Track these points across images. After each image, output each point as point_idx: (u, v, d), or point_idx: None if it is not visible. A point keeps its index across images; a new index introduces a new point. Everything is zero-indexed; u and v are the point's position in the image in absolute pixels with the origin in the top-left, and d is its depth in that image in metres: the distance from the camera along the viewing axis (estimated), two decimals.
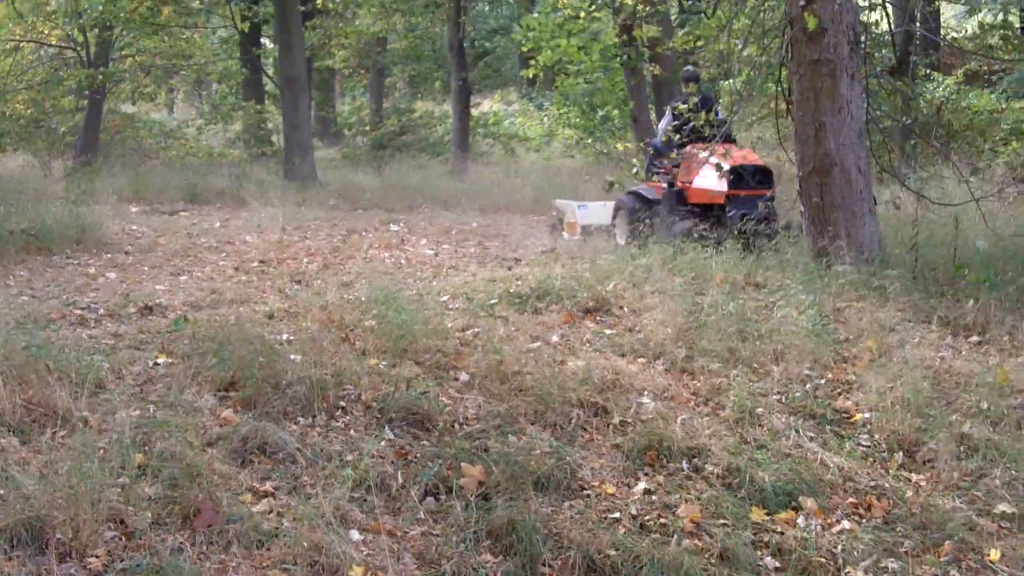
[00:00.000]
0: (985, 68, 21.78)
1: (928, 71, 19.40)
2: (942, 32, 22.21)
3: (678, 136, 12.84)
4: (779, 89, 10.60)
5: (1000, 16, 19.09)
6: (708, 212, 12.43)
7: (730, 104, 11.38)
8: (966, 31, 23.17)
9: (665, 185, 13.11)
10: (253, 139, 23.02)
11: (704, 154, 12.11)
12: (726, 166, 11.81)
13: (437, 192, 18.35)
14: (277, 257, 11.92)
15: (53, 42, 23.01)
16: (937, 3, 16.76)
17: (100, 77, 19.89)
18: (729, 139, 12.42)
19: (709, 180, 12.35)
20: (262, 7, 23.87)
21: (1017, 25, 23.54)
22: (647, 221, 12.57)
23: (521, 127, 30.76)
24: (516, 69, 39.77)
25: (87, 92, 21.19)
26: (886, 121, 12.06)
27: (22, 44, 23.18)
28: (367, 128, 29.50)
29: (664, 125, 13.69)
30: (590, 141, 25.35)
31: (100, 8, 19.84)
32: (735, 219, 11.60)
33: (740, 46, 10.78)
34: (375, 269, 11.10)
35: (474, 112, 26.93)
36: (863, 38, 9.98)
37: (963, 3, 21.72)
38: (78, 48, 21.80)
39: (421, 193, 18.60)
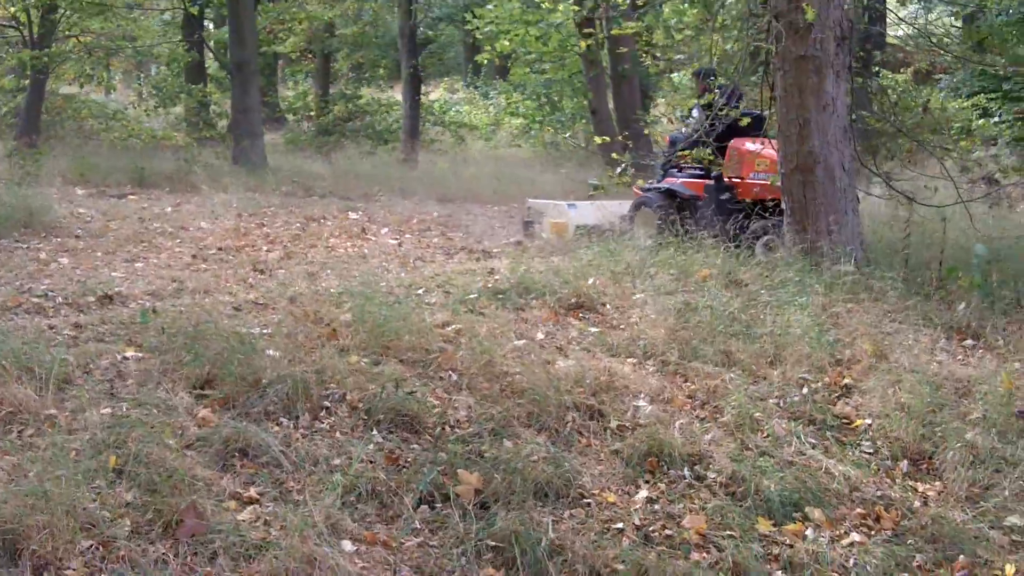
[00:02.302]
0: (930, 67, 21.86)
1: (877, 68, 19.31)
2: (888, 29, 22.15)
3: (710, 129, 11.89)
4: (763, 84, 10.35)
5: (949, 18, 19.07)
6: (764, 209, 11.59)
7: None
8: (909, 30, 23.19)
9: (710, 181, 12.44)
10: (202, 123, 22.52)
11: (753, 147, 11.76)
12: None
13: (391, 180, 17.99)
14: (235, 245, 11.55)
15: None
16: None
17: (45, 58, 19.32)
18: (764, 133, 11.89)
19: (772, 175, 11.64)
20: None
21: (958, 26, 23.72)
22: (682, 220, 11.61)
23: (467, 115, 30.49)
24: (461, 57, 39.51)
25: (29, 72, 20.62)
26: (873, 121, 11.85)
27: None
28: (312, 114, 29.10)
29: (694, 121, 12.85)
30: (539, 130, 25.11)
31: None
32: None
33: (721, 41, 10.50)
34: (339, 259, 10.77)
35: (423, 100, 26.56)
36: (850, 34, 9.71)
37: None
38: (21, 27, 21.21)
39: (375, 180, 18.23)
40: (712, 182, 12.36)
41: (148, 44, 24.12)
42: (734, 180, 12.24)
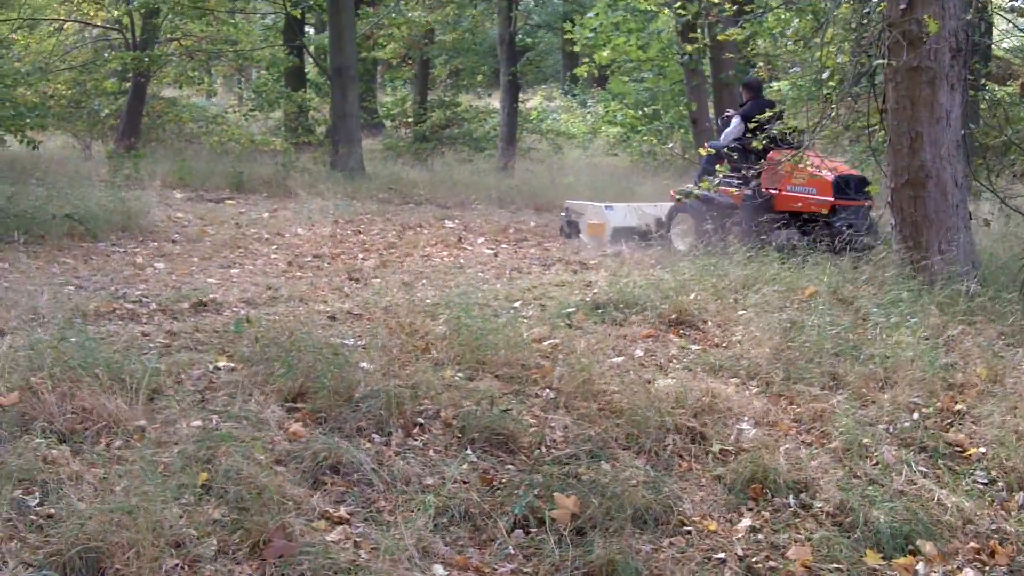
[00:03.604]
0: None
1: (984, 81, 18.78)
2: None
3: (755, 142, 12.08)
4: (870, 96, 10.03)
5: None
6: (801, 221, 12.08)
7: (819, 112, 10.73)
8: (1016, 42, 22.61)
9: (748, 191, 12.56)
10: (300, 128, 22.55)
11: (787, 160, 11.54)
12: (828, 175, 11.61)
13: (488, 188, 17.81)
14: (331, 252, 11.47)
15: (97, 23, 22.64)
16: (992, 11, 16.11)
17: (147, 60, 19.45)
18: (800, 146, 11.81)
19: (810, 188, 12.06)
20: None
21: None
22: (719, 228, 12.04)
23: (564, 124, 30.30)
24: (559, 65, 39.35)
25: (131, 75, 20.79)
26: (985, 135, 11.48)
27: (66, 24, 22.85)
28: (410, 120, 29.09)
29: (734, 130, 13.17)
30: (637, 140, 24.86)
31: None
32: (841, 230, 11.29)
33: (835, 51, 10.21)
34: (435, 269, 10.64)
35: (521, 107, 26.41)
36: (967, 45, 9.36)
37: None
38: (124, 30, 21.41)
39: (472, 188, 18.09)
40: (750, 192, 12.58)
41: (249, 48, 24.24)
42: (771, 191, 12.42)
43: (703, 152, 13.42)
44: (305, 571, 4.40)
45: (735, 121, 13.24)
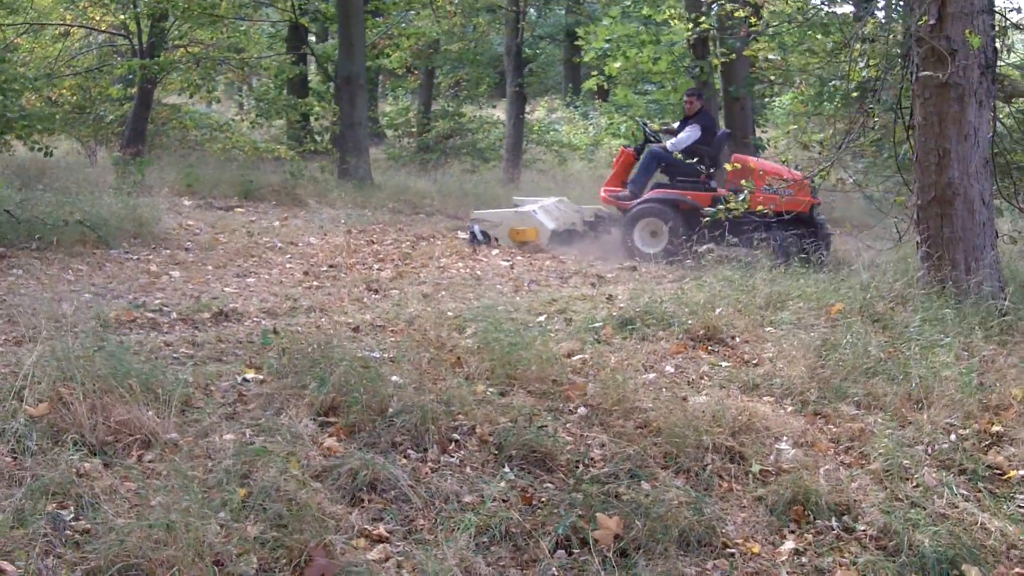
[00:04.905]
0: None
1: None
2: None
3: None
4: (899, 114, 9.93)
5: None
6: (776, 221, 12.37)
7: (844, 129, 10.66)
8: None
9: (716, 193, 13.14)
10: (308, 136, 22.42)
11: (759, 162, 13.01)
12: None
13: (497, 199, 17.66)
14: (346, 262, 11.36)
15: (103, 28, 22.52)
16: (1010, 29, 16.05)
17: (155, 67, 19.33)
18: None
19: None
20: (317, 2, 23.27)
21: None
22: (689, 232, 12.71)
23: (567, 135, 30.23)
24: (560, 77, 39.28)
25: (137, 81, 20.67)
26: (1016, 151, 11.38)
27: (72, 30, 22.72)
28: (413, 129, 28.99)
29: (692, 135, 13.81)
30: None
31: None
32: (823, 227, 12.60)
33: (860, 65, 10.11)
34: (452, 280, 10.54)
35: (527, 118, 26.35)
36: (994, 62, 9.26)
37: None
38: (130, 36, 21.29)
39: (480, 199, 17.97)
40: (716, 194, 13.14)
41: (256, 56, 24.11)
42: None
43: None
44: None
45: (693, 128, 13.85)
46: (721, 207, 10.10)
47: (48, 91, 20.17)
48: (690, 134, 13.79)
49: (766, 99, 23.79)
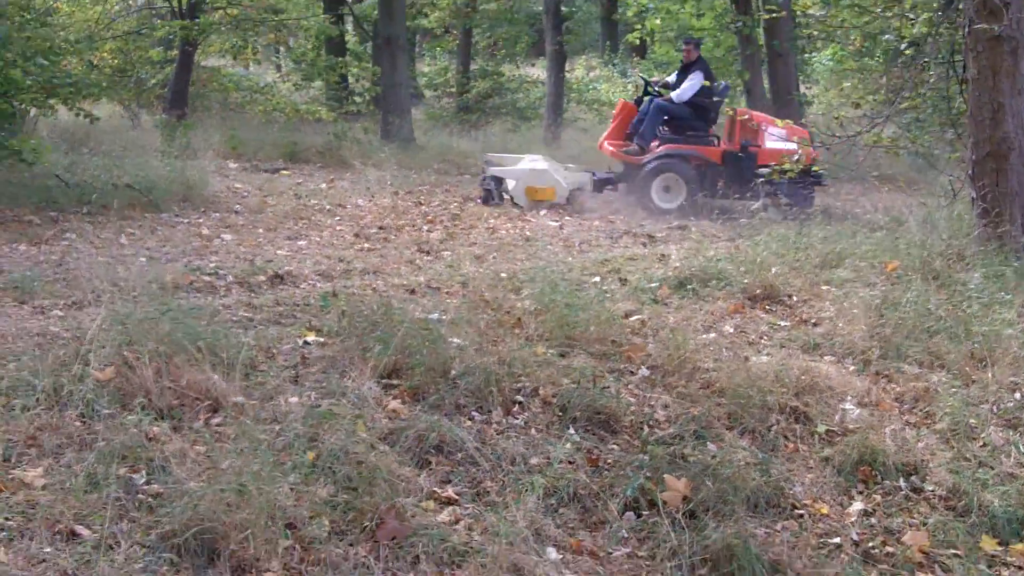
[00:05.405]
0: None
1: None
2: None
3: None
4: (949, 66, 9.82)
5: None
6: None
7: (891, 84, 10.58)
8: None
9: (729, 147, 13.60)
10: (348, 97, 22.34)
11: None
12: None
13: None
14: (395, 224, 11.34)
15: None
16: None
17: (195, 29, 19.28)
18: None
19: (787, 143, 13.06)
20: None
21: None
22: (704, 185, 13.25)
23: (605, 93, 30.02)
24: (597, 35, 39.04)
25: (177, 44, 20.63)
26: None
27: None
28: (452, 90, 28.87)
29: (696, 86, 13.71)
30: None
31: None
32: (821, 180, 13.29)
33: (911, 19, 9.99)
34: (502, 241, 10.51)
35: (567, 76, 26.17)
36: None
37: None
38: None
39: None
40: (728, 148, 13.64)
41: (295, 18, 24.04)
42: (752, 148, 13.45)
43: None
44: (419, 553, 4.31)
45: (697, 76, 13.73)
46: (775, 167, 10.04)
47: (89, 55, 20.14)
48: (693, 83, 13.72)
49: (805, 55, 23.53)
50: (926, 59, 9.64)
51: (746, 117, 13.57)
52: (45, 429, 4.94)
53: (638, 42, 23.55)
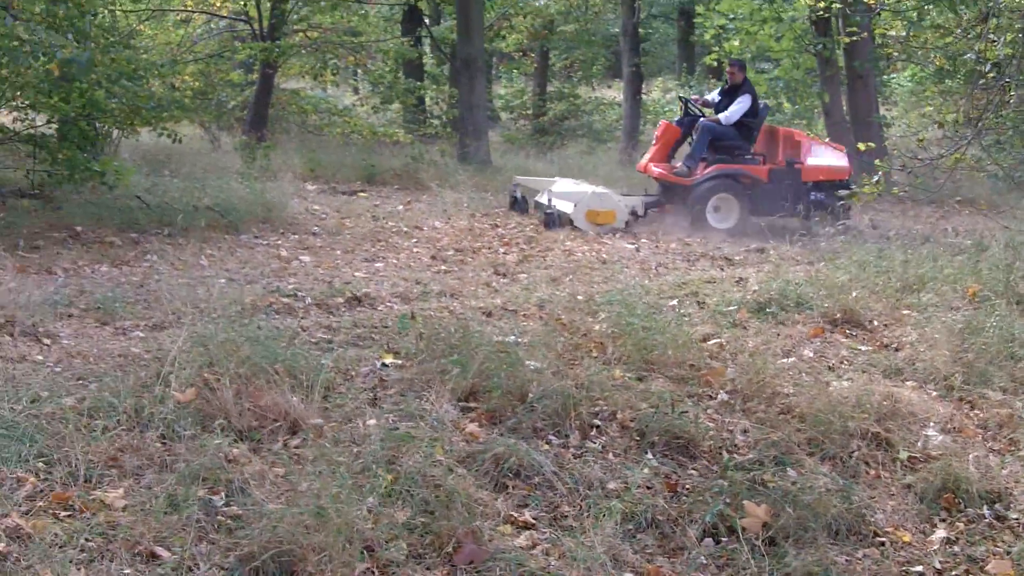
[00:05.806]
0: None
1: None
2: None
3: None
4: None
5: None
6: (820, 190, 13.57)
7: (981, 107, 10.46)
8: None
9: (773, 166, 13.80)
10: (426, 120, 22.49)
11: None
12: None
13: (616, 181, 17.44)
14: (471, 246, 11.35)
15: (225, 14, 22.76)
16: None
17: (276, 51, 19.50)
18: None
19: (828, 157, 13.78)
20: None
21: None
22: (755, 203, 13.55)
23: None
24: (674, 56, 38.95)
25: (257, 66, 20.87)
26: None
27: (193, 15, 22.99)
28: (529, 112, 28.94)
29: (744, 107, 13.83)
30: None
31: None
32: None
33: (994, 39, 9.85)
34: (578, 264, 10.49)
35: (644, 98, 26.17)
36: None
37: None
38: (251, 21, 21.49)
39: (600, 182, 17.82)
40: (774, 166, 13.78)
41: (374, 40, 24.22)
42: (795, 165, 13.70)
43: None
44: None
45: (746, 99, 13.85)
46: (854, 189, 9.97)
47: (171, 78, 20.42)
48: (742, 105, 13.80)
49: (883, 76, 23.31)
50: (1008, 80, 9.47)
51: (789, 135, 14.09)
52: (126, 450, 4.99)
53: (715, 64, 23.35)
